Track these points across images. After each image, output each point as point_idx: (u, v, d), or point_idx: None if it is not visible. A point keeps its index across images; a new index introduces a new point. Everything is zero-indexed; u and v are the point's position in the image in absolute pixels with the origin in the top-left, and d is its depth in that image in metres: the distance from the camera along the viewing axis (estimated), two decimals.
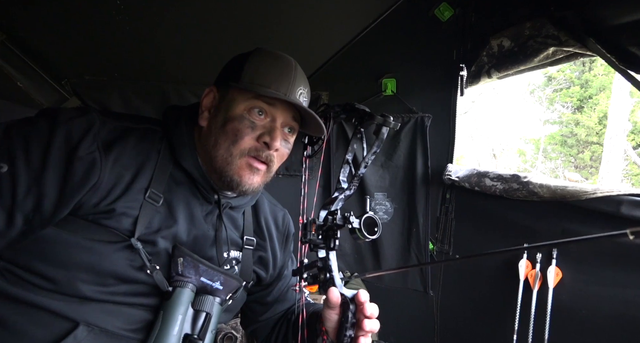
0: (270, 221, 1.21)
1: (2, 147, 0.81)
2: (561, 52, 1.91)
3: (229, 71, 1.00)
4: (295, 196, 1.32)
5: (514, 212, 2.06)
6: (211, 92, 1.00)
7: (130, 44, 2.00)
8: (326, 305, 0.91)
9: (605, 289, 1.77)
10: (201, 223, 0.99)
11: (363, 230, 0.85)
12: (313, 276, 0.93)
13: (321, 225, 0.91)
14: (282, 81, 0.96)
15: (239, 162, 0.94)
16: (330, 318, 0.92)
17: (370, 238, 0.85)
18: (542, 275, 1.93)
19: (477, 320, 2.21)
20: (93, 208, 0.85)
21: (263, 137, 0.94)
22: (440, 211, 2.39)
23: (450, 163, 2.35)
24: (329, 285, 0.89)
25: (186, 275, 0.93)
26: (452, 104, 2.34)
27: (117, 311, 0.87)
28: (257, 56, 0.98)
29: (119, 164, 0.88)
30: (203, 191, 0.99)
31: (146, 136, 0.95)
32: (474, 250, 2.26)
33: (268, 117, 0.96)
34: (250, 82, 0.95)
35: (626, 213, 1.68)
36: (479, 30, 2.22)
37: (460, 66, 2.24)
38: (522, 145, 13.92)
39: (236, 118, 0.94)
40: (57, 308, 0.82)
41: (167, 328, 0.87)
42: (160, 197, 0.92)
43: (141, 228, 0.88)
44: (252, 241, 1.12)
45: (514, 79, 12.99)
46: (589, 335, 1.80)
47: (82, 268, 0.83)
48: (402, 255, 2.48)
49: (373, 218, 0.87)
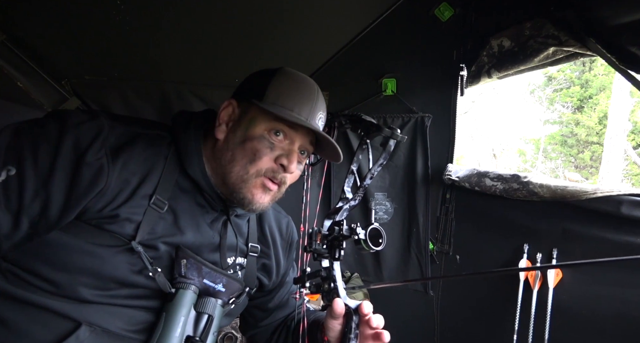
0: (275, 228, 1.21)
1: (11, 149, 0.81)
2: (561, 52, 1.91)
3: (251, 86, 1.00)
4: (296, 202, 1.32)
5: (514, 212, 2.06)
6: (230, 105, 0.99)
7: (130, 44, 2.00)
8: (329, 315, 0.92)
9: (605, 289, 1.76)
10: (206, 231, 0.99)
11: (369, 241, 0.86)
12: (316, 286, 0.93)
13: (326, 235, 0.91)
14: (304, 105, 0.97)
15: (254, 181, 0.95)
16: (333, 328, 0.93)
17: (375, 250, 0.86)
18: (542, 275, 1.93)
19: (477, 320, 2.21)
20: (98, 212, 0.85)
21: (280, 159, 0.95)
22: (440, 211, 2.39)
23: (450, 163, 2.35)
24: (333, 295, 0.89)
25: (189, 277, 0.93)
26: (452, 104, 2.34)
27: (118, 312, 0.88)
28: (282, 75, 0.99)
29: (126, 170, 0.88)
30: (209, 199, 0.99)
31: (154, 142, 0.95)
32: (474, 250, 2.26)
33: (287, 139, 0.97)
34: (274, 102, 0.95)
35: (626, 213, 1.68)
36: (479, 30, 2.22)
37: (461, 66, 2.24)
38: (522, 145, 13.92)
39: (256, 138, 0.94)
40: (59, 308, 0.83)
41: (169, 329, 0.87)
42: (165, 204, 0.92)
43: (143, 233, 0.88)
44: (256, 249, 1.13)
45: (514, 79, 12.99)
46: (589, 335, 1.80)
47: (83, 272, 0.84)
48: (402, 255, 2.48)
49: (378, 230, 0.89)
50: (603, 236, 1.76)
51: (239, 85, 1.04)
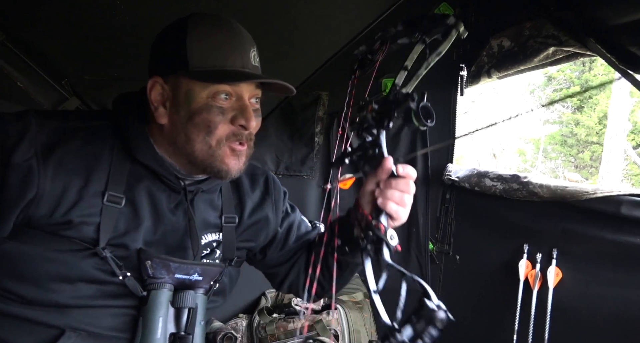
0: (250, 191, 1.12)
1: None
2: (561, 52, 1.91)
3: (167, 55, 0.89)
4: (296, 196, 1.31)
5: (514, 212, 2.06)
6: (156, 84, 0.88)
7: (130, 44, 2.00)
8: (370, 180, 0.85)
9: (605, 289, 1.76)
10: (168, 217, 0.93)
11: (420, 115, 0.75)
12: (360, 156, 0.84)
13: (375, 109, 0.83)
14: (235, 50, 0.87)
15: (221, 151, 0.88)
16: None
17: (426, 126, 0.76)
18: (542, 275, 1.93)
19: (477, 320, 2.20)
20: (47, 219, 0.79)
21: (237, 120, 0.87)
22: (440, 211, 2.39)
23: (450, 163, 2.35)
24: (379, 159, 0.82)
25: (158, 276, 0.88)
26: (452, 104, 2.34)
27: (100, 313, 0.85)
28: (196, 29, 0.86)
29: (63, 170, 0.80)
30: (168, 182, 0.93)
31: (95, 135, 0.87)
32: (474, 250, 2.26)
33: (234, 97, 0.88)
34: (202, 65, 0.84)
35: (626, 213, 1.68)
36: (479, 30, 2.21)
37: (460, 66, 2.24)
38: (522, 145, 13.92)
39: (202, 109, 0.85)
40: (39, 317, 0.80)
41: (149, 334, 0.85)
42: (122, 197, 0.86)
43: (106, 234, 0.83)
44: (232, 218, 1.05)
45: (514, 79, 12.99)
46: (589, 335, 1.80)
47: (50, 280, 0.80)
48: (402, 255, 2.48)
49: (429, 109, 0.77)
50: (603, 236, 1.76)
51: (152, 56, 0.92)
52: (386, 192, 0.83)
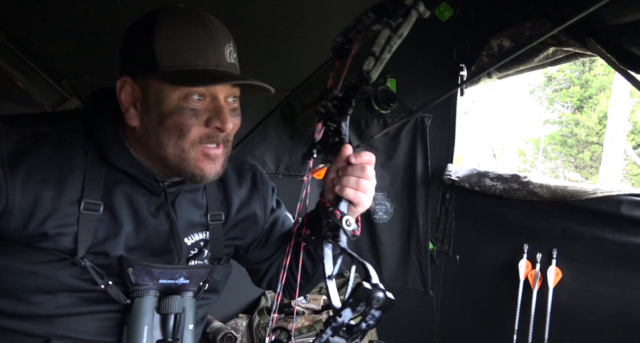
0: (237, 187, 1.08)
1: None
2: (561, 52, 1.91)
3: (135, 53, 0.83)
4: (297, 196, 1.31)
5: (514, 212, 2.06)
6: (125, 84, 0.83)
7: None
8: (333, 167, 0.85)
9: (605, 289, 1.77)
10: (150, 221, 0.89)
11: (380, 99, 0.74)
12: (323, 144, 0.84)
13: (336, 96, 0.83)
14: (207, 47, 0.80)
15: (194, 154, 0.82)
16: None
17: (386, 111, 0.75)
18: (542, 275, 1.93)
19: (477, 320, 2.21)
20: (21, 232, 0.76)
21: (212, 122, 0.81)
22: (440, 211, 2.39)
23: (450, 163, 2.35)
24: (340, 146, 0.82)
25: (142, 283, 0.85)
26: (452, 104, 2.34)
27: (84, 320, 0.84)
28: (164, 25, 0.80)
29: (33, 180, 0.76)
30: (147, 186, 0.88)
31: (66, 140, 0.82)
32: (474, 250, 2.26)
33: (208, 97, 0.82)
34: (172, 65, 0.78)
35: (626, 213, 1.68)
36: (479, 30, 2.21)
37: (460, 66, 2.24)
38: (522, 145, 13.92)
39: (174, 111, 0.79)
40: (22, 328, 0.79)
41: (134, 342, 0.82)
42: (99, 204, 0.81)
43: (85, 243, 0.80)
44: (219, 216, 1.01)
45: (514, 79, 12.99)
46: (589, 335, 1.80)
47: (30, 292, 0.78)
48: (402, 255, 2.48)
49: (389, 92, 0.76)
50: (603, 236, 1.77)
51: (120, 54, 0.87)
52: (342, 179, 0.81)
